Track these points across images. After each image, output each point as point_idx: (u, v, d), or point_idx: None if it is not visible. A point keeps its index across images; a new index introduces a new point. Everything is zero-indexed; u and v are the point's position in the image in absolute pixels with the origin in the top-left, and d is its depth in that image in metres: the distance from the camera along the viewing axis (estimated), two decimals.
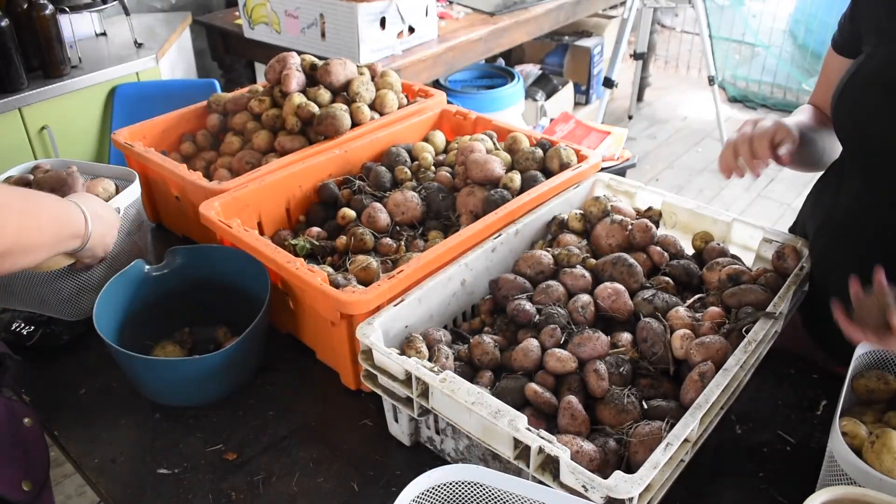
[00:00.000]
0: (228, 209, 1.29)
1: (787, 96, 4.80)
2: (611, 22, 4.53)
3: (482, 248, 1.18)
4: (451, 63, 2.85)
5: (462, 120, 1.65)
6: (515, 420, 0.84)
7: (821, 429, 1.08)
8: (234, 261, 1.20)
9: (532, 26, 3.22)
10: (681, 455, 0.87)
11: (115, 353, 1.05)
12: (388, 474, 1.02)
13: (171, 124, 1.65)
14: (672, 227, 1.33)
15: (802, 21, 4.73)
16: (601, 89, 4.03)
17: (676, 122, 4.68)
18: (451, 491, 0.79)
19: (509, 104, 3.52)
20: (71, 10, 2.57)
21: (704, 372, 0.93)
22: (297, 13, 2.53)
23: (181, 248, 1.23)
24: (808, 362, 1.20)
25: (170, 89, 2.65)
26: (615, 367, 0.98)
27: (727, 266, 1.14)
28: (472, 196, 1.33)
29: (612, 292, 1.08)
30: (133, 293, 1.19)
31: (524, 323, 1.08)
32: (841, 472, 0.82)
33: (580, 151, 1.41)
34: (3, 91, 2.30)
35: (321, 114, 1.49)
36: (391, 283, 1.07)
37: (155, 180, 1.55)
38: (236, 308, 1.18)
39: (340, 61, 1.58)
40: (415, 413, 0.96)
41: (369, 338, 0.98)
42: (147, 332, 1.20)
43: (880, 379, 0.96)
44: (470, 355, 1.05)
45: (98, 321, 1.07)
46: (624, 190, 1.37)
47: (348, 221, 1.34)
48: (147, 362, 1.05)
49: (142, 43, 2.73)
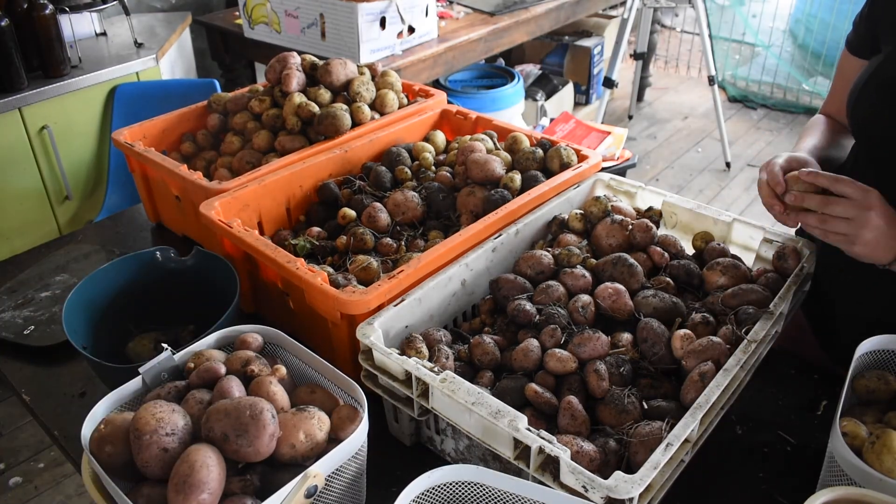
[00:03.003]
0: (228, 209, 1.29)
1: (787, 96, 4.80)
2: (611, 22, 4.53)
3: (482, 248, 1.18)
4: (451, 63, 2.85)
5: (462, 120, 1.65)
6: (515, 420, 0.84)
7: (821, 429, 1.08)
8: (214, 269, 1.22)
9: (532, 26, 3.22)
10: (681, 455, 0.86)
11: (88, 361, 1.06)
12: (389, 474, 1.02)
13: (172, 124, 1.65)
14: (672, 227, 1.33)
15: (802, 21, 4.74)
16: (601, 89, 4.03)
17: (677, 122, 4.68)
18: (451, 491, 0.79)
19: (509, 104, 3.52)
20: (71, 10, 2.57)
21: (705, 372, 0.93)
22: (297, 13, 2.53)
23: (200, 250, 1.25)
24: (808, 362, 1.20)
25: (170, 89, 2.65)
26: (615, 368, 0.98)
27: (727, 266, 1.14)
28: (473, 196, 1.33)
29: (612, 292, 1.08)
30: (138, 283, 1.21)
31: (524, 323, 1.08)
32: (841, 473, 0.82)
33: (580, 151, 1.41)
34: (3, 91, 2.30)
35: (321, 113, 1.49)
36: (391, 283, 1.07)
37: (155, 180, 1.55)
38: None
39: (341, 61, 1.58)
40: (415, 413, 0.96)
41: (369, 338, 0.98)
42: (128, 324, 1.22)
43: (881, 379, 0.96)
44: (470, 355, 1.05)
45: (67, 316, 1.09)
46: (624, 190, 1.37)
47: (348, 221, 1.34)
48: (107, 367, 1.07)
49: (142, 43, 2.73)
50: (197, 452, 0.76)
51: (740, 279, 1.12)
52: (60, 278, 1.43)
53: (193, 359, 0.94)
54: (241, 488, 0.80)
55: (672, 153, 4.32)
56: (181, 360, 0.95)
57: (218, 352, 0.97)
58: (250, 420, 0.79)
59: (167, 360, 0.93)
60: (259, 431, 0.79)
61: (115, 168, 2.61)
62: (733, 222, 1.26)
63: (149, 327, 1.23)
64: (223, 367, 0.91)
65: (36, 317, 1.32)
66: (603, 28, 4.49)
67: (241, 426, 0.78)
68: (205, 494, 0.74)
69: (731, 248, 1.25)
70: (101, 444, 0.81)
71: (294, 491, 0.77)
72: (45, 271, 1.45)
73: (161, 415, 0.80)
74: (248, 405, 0.80)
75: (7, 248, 2.44)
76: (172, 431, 0.79)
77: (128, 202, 2.51)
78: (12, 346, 1.27)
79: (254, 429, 0.78)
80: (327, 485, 0.83)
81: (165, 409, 0.81)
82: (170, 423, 0.80)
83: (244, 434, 0.78)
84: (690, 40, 5.44)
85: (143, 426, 0.78)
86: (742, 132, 4.52)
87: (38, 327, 1.29)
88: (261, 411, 0.80)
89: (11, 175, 2.41)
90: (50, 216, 2.57)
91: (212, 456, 0.76)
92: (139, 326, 1.23)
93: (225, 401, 0.82)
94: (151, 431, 0.78)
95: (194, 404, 0.85)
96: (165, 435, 0.79)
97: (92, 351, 1.10)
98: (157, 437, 0.78)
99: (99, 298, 1.19)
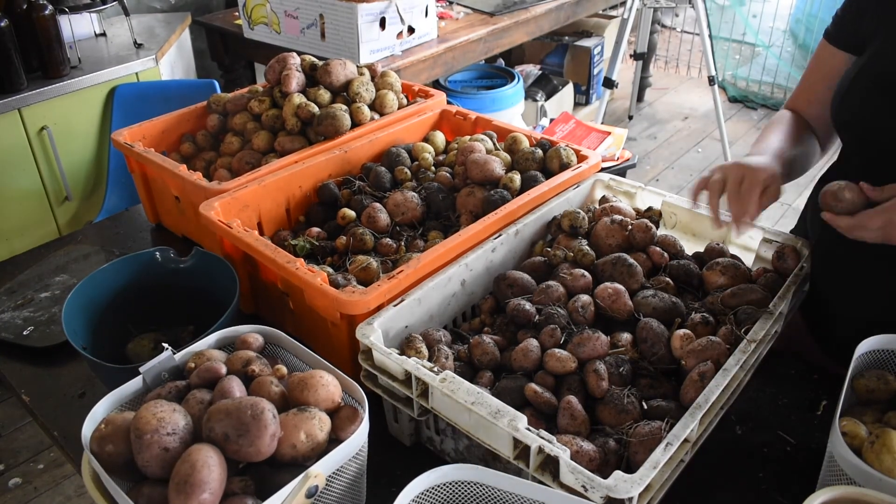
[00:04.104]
0: (228, 209, 1.29)
1: (787, 96, 4.80)
2: (611, 22, 4.53)
3: (482, 249, 1.18)
4: (450, 63, 2.85)
5: (462, 120, 1.65)
6: (515, 420, 0.84)
7: (821, 429, 1.08)
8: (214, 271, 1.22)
9: (532, 26, 3.22)
10: (681, 455, 0.87)
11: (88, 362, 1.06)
12: (388, 474, 1.02)
13: (171, 125, 1.65)
14: (672, 228, 1.33)
15: (802, 21, 4.74)
16: (601, 89, 4.02)
17: (677, 122, 4.68)
18: (451, 491, 0.80)
19: (509, 104, 3.52)
20: (70, 10, 2.57)
21: (704, 372, 0.93)
22: (296, 13, 2.53)
23: (199, 251, 1.25)
24: (808, 362, 1.20)
25: (169, 90, 2.65)
26: (615, 368, 0.98)
27: (727, 266, 1.14)
28: (472, 196, 1.33)
29: (612, 292, 1.08)
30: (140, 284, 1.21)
31: (524, 323, 1.08)
32: (841, 472, 0.82)
33: (580, 152, 1.41)
34: (3, 91, 2.30)
35: (321, 114, 1.49)
36: (391, 284, 1.07)
37: (155, 180, 1.55)
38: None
39: (340, 62, 1.58)
40: (415, 413, 0.97)
41: (369, 338, 0.98)
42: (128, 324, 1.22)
43: (880, 379, 0.96)
44: (470, 355, 1.05)
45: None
46: (624, 190, 1.37)
47: (348, 222, 1.34)
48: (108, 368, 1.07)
49: (141, 43, 2.73)
50: (198, 452, 0.76)
51: (740, 279, 1.13)
52: (60, 279, 1.43)
53: (194, 359, 0.94)
54: (242, 488, 0.80)
55: (672, 153, 4.32)
56: (182, 360, 0.95)
57: (218, 352, 0.97)
58: (251, 420, 0.79)
59: (168, 360, 0.93)
60: (260, 431, 0.79)
61: (115, 169, 2.61)
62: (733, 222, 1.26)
63: (148, 328, 1.24)
64: (224, 367, 0.91)
65: (36, 317, 1.32)
66: (603, 28, 4.49)
67: (242, 426, 0.78)
68: (206, 494, 0.74)
69: (731, 249, 1.25)
70: (102, 443, 0.81)
71: (295, 491, 0.78)
72: (45, 272, 1.46)
73: (162, 414, 0.80)
74: (249, 405, 0.80)
75: (7, 248, 2.44)
76: (173, 431, 0.79)
77: (127, 203, 2.51)
78: (12, 346, 1.27)
79: (255, 429, 0.79)
80: (328, 485, 0.83)
81: (166, 409, 0.81)
82: (171, 422, 0.80)
83: (245, 434, 0.78)
84: (690, 40, 5.44)
85: (143, 425, 0.78)
86: (742, 132, 4.52)
87: (38, 328, 1.29)
88: (262, 411, 0.80)
89: (11, 176, 2.41)
90: (49, 217, 2.57)
91: (213, 456, 0.77)
92: (139, 327, 1.23)
93: (226, 401, 0.82)
94: (152, 431, 0.78)
95: (195, 404, 0.85)
96: (166, 434, 0.79)
97: (92, 351, 1.10)
98: (157, 437, 0.78)
99: (99, 299, 1.19)
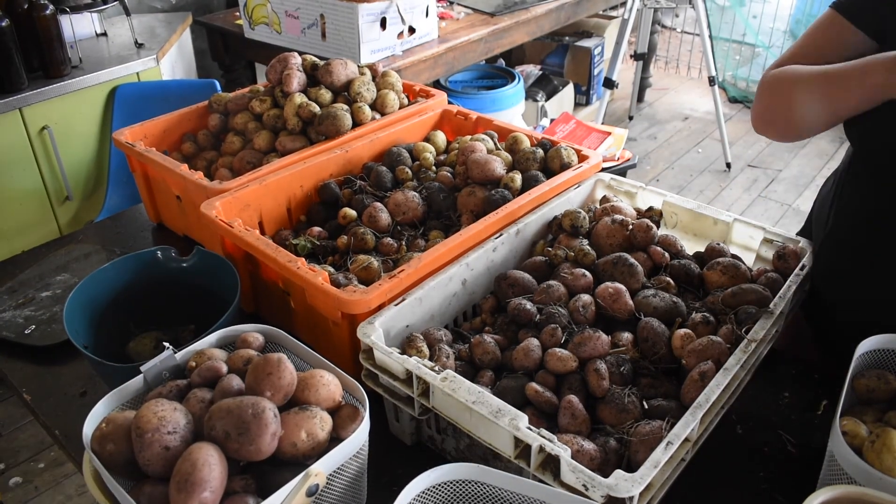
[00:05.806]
0: (229, 209, 1.29)
1: None
2: (611, 22, 4.53)
3: (483, 248, 1.19)
4: (451, 63, 2.85)
5: (463, 120, 1.65)
6: (516, 419, 0.84)
7: (821, 429, 1.08)
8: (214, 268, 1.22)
9: (532, 27, 3.22)
10: (681, 454, 0.87)
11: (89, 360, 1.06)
12: (389, 473, 1.02)
13: (173, 124, 1.65)
14: (672, 228, 1.34)
15: (803, 21, 4.74)
16: (601, 90, 4.03)
17: (677, 122, 4.69)
18: (452, 490, 0.80)
19: (510, 105, 3.52)
20: (71, 10, 2.57)
21: (705, 371, 0.93)
22: (297, 13, 2.53)
23: (201, 250, 1.25)
24: (808, 362, 1.20)
25: (170, 90, 2.65)
26: (616, 367, 0.98)
27: (727, 266, 1.14)
28: (473, 196, 1.33)
29: (612, 292, 1.08)
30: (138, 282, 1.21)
31: (525, 322, 1.08)
32: (841, 472, 0.82)
33: (581, 152, 1.42)
34: (4, 91, 2.30)
35: (322, 114, 1.49)
36: (392, 283, 1.07)
37: (156, 180, 1.55)
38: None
39: (341, 61, 1.58)
40: (416, 412, 0.97)
41: (370, 337, 0.98)
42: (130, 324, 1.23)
43: (881, 378, 0.96)
44: (471, 355, 1.05)
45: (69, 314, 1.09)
46: (624, 190, 1.37)
47: (349, 221, 1.34)
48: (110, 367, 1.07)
49: (142, 43, 2.73)
50: (199, 451, 0.76)
51: (740, 279, 1.13)
52: (61, 278, 1.43)
53: (195, 358, 0.94)
54: (243, 487, 0.80)
55: (672, 154, 4.32)
56: (182, 359, 0.95)
57: (219, 350, 0.97)
58: (252, 419, 0.79)
59: (169, 359, 0.93)
60: (261, 430, 0.79)
61: (116, 168, 2.62)
62: (734, 222, 1.26)
63: (149, 327, 1.24)
64: (225, 366, 0.91)
65: (37, 316, 1.32)
66: (603, 28, 4.49)
67: (243, 425, 0.79)
68: (206, 493, 0.74)
69: (732, 248, 1.25)
70: (103, 442, 0.81)
71: (296, 489, 0.78)
72: (46, 271, 1.46)
73: (163, 413, 0.80)
74: (250, 404, 0.80)
75: (7, 248, 2.44)
76: (174, 430, 0.79)
77: (128, 202, 2.51)
78: (13, 345, 1.27)
79: (255, 427, 0.79)
80: (328, 483, 0.83)
81: (167, 408, 0.81)
82: (172, 421, 0.80)
83: (246, 432, 0.78)
84: (691, 41, 5.44)
85: (144, 424, 0.78)
86: (742, 133, 4.52)
87: (39, 327, 1.29)
88: (262, 410, 0.80)
89: (12, 175, 2.41)
90: (50, 216, 2.57)
91: (213, 454, 0.77)
92: (140, 326, 1.23)
93: (227, 399, 0.82)
94: (153, 429, 0.78)
95: (196, 403, 0.85)
96: (167, 433, 0.79)
97: (93, 350, 1.10)
98: (158, 436, 0.78)
99: (100, 298, 1.19)
